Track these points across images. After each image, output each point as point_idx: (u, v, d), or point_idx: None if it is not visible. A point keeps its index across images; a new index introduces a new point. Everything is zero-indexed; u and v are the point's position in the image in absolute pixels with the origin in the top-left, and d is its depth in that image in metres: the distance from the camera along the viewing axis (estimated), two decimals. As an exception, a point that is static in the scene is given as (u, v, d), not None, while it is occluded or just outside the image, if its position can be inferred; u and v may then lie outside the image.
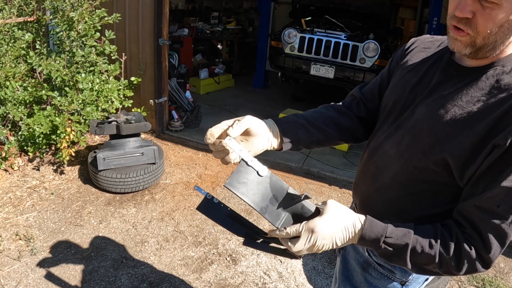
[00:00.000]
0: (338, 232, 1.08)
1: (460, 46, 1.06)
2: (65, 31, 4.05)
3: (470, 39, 1.02)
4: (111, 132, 3.95)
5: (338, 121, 1.45)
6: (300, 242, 1.07)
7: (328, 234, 1.06)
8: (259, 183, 1.06)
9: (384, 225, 1.10)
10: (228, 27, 9.17)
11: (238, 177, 1.04)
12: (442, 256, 1.06)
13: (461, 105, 1.09)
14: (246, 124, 1.18)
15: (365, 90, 1.52)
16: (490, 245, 1.02)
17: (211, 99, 7.33)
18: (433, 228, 1.10)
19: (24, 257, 3.10)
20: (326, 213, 1.08)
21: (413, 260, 1.10)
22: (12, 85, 3.92)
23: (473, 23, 1.00)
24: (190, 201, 3.98)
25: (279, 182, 1.08)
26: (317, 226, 1.05)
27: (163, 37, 4.92)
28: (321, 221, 1.06)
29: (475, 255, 1.04)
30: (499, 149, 0.99)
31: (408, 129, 1.21)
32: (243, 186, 1.05)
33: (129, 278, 3.00)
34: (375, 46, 6.11)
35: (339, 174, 4.83)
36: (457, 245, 1.05)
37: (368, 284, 1.46)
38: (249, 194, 1.06)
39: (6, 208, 3.64)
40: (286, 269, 3.22)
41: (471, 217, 1.05)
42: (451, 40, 1.08)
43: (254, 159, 1.03)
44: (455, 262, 1.05)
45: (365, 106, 1.49)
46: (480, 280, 3.27)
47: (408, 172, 1.20)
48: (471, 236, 1.04)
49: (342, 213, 1.09)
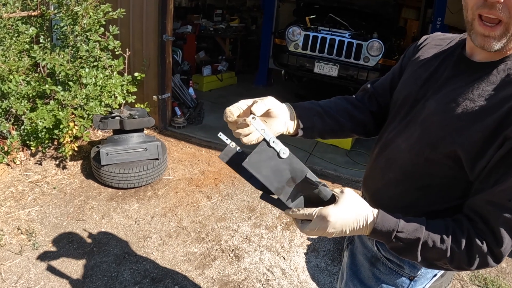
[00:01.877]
0: (349, 223, 1.07)
1: (491, 42, 1.03)
2: (69, 25, 4.04)
3: (504, 28, 0.99)
4: (114, 127, 3.94)
5: (352, 113, 1.44)
6: (310, 226, 1.07)
7: (339, 224, 1.05)
8: (279, 164, 1.03)
9: (396, 219, 1.09)
10: (231, 24, 9.13)
11: (257, 157, 1.02)
12: (453, 251, 1.05)
13: (473, 98, 1.08)
14: (269, 104, 1.18)
15: (376, 85, 1.52)
16: (501, 239, 1.01)
17: (214, 96, 7.32)
18: (444, 223, 1.09)
19: (25, 251, 3.09)
20: (341, 202, 1.06)
21: (423, 254, 1.09)
22: (15, 79, 3.91)
23: (506, 7, 0.97)
24: (193, 197, 3.97)
25: (299, 165, 1.05)
26: (330, 215, 1.04)
27: (167, 33, 4.91)
28: (335, 210, 1.05)
29: (486, 249, 1.03)
30: (510, 142, 0.98)
31: (419, 123, 1.21)
32: (261, 166, 1.03)
33: (132, 274, 2.98)
34: (379, 45, 6.09)
35: (342, 173, 4.81)
36: (469, 240, 1.04)
37: (376, 279, 1.45)
38: (267, 175, 1.04)
39: (8, 202, 3.62)
40: (289, 266, 3.20)
41: (482, 212, 1.04)
42: (480, 37, 1.05)
43: (276, 139, 1.01)
44: (467, 257, 1.04)
45: (377, 101, 1.49)
46: (482, 280, 3.26)
47: (418, 165, 1.19)
48: (482, 230, 1.03)
49: (356, 205, 1.08)
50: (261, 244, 3.42)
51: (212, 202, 3.93)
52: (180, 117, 5.65)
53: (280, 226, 3.64)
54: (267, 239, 3.47)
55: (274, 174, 1.04)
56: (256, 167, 1.03)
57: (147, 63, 5.04)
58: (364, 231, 1.10)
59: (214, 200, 3.96)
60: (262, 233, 3.55)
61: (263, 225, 3.64)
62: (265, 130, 0.98)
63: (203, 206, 3.86)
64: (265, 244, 3.42)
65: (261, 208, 3.86)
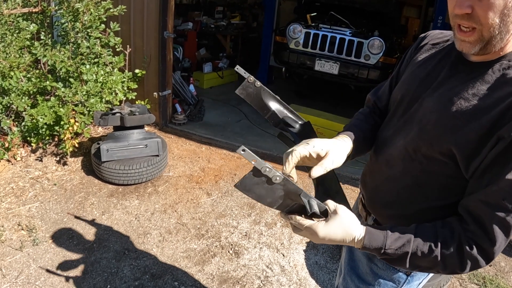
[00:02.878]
0: (336, 240, 1.13)
1: (468, 47, 1.07)
2: (70, 22, 4.04)
3: (478, 34, 1.03)
4: (115, 123, 3.95)
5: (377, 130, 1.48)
6: (300, 233, 1.15)
7: (327, 239, 1.12)
8: (271, 188, 1.05)
9: (384, 237, 1.13)
10: (232, 21, 9.12)
11: (249, 182, 1.04)
12: (444, 259, 1.09)
13: (467, 97, 1.10)
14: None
15: (380, 93, 1.56)
16: (495, 238, 1.03)
17: (214, 93, 7.32)
18: (434, 230, 1.12)
19: (26, 247, 3.10)
20: (331, 222, 1.11)
21: (414, 264, 1.13)
22: (16, 76, 3.92)
23: (475, 17, 1.01)
24: (193, 194, 3.98)
25: (293, 187, 1.06)
26: (318, 231, 1.10)
27: (168, 30, 4.91)
28: (324, 228, 1.11)
29: (477, 253, 1.05)
30: (503, 141, 1.00)
31: (416, 121, 1.23)
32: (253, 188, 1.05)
33: (132, 270, 2.99)
34: (380, 43, 6.09)
35: (342, 170, 4.81)
36: (459, 246, 1.07)
37: (373, 275, 1.47)
38: (260, 194, 1.06)
39: (8, 198, 3.63)
40: (289, 263, 3.21)
41: (476, 212, 1.06)
42: (458, 41, 1.10)
43: (270, 167, 1.01)
44: (459, 263, 1.08)
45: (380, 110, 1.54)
46: (481, 279, 3.27)
47: (415, 163, 1.22)
48: (473, 233, 1.05)
49: (346, 225, 1.12)
50: (261, 241, 3.43)
51: (212, 199, 3.94)
52: (181, 114, 5.66)
53: (280, 223, 3.65)
54: (266, 236, 3.48)
55: (267, 193, 1.06)
56: (248, 189, 1.05)
57: (148, 60, 5.04)
58: (353, 245, 1.15)
59: (214, 197, 3.97)
60: (262, 230, 3.56)
61: (262, 222, 3.65)
62: (256, 160, 0.99)
63: (203, 202, 3.87)
64: (265, 241, 3.43)
65: (260, 205, 3.86)
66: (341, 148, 1.24)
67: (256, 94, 1.31)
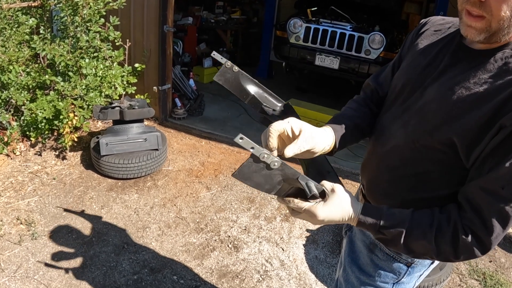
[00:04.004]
0: (334, 220, 1.13)
1: (474, 33, 1.05)
2: (69, 16, 4.03)
3: (485, 23, 1.02)
4: (114, 117, 3.94)
5: (371, 119, 1.46)
6: (299, 216, 1.14)
7: (327, 220, 1.12)
8: (269, 174, 1.05)
9: (380, 213, 1.13)
10: (232, 16, 9.08)
11: (247, 170, 1.04)
12: (438, 244, 1.08)
13: (468, 86, 1.09)
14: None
15: (380, 79, 1.53)
16: (492, 227, 1.02)
17: (214, 88, 7.29)
18: (431, 215, 1.11)
19: (25, 241, 3.10)
20: (329, 202, 1.11)
21: (408, 247, 1.13)
22: (15, 70, 3.91)
23: (487, 6, 0.99)
24: (193, 188, 3.97)
25: (291, 171, 1.06)
26: (317, 213, 1.10)
27: (168, 24, 4.89)
28: (323, 209, 1.10)
29: (473, 242, 1.05)
30: (505, 130, 0.99)
31: (416, 110, 1.22)
32: (251, 176, 1.05)
33: (131, 264, 2.99)
34: (381, 38, 6.06)
35: (342, 165, 4.81)
36: (455, 233, 1.06)
37: (374, 265, 1.46)
38: (258, 181, 1.06)
39: (7, 192, 3.63)
40: (288, 257, 3.21)
41: (474, 199, 1.05)
42: (464, 26, 1.07)
43: (268, 153, 1.01)
44: (453, 250, 1.07)
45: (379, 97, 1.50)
46: (481, 274, 3.26)
47: (414, 152, 1.21)
48: (470, 220, 1.05)
49: (344, 203, 1.12)
50: (260, 235, 3.42)
51: (211, 193, 3.93)
52: (181, 108, 5.64)
53: (279, 217, 3.64)
54: (266, 230, 3.48)
55: (265, 180, 1.06)
56: (246, 178, 1.05)
57: (148, 54, 5.03)
58: (350, 223, 1.15)
59: (213, 191, 3.97)
60: (261, 224, 3.55)
61: (262, 216, 3.65)
62: (254, 147, 0.98)
63: (202, 197, 3.86)
64: (264, 235, 3.42)
65: (260, 199, 3.86)
66: (317, 132, 1.21)
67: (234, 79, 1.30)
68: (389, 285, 1.47)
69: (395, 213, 1.13)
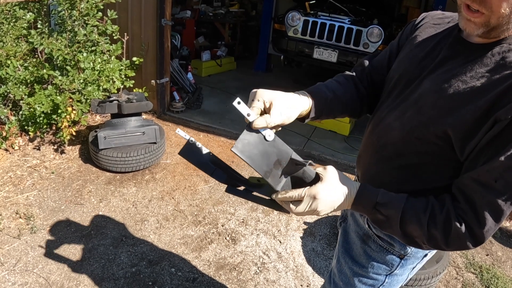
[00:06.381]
0: (338, 199, 1.12)
1: (472, 27, 1.06)
2: (67, 10, 4.03)
3: (485, 19, 1.02)
4: (112, 111, 3.95)
5: (355, 97, 1.45)
6: (301, 206, 1.11)
7: (329, 200, 1.10)
8: (265, 147, 1.07)
9: (377, 193, 1.14)
10: (231, 10, 9.07)
11: (244, 142, 1.05)
12: (430, 229, 1.08)
13: (465, 80, 1.09)
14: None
15: (374, 63, 1.52)
16: (484, 220, 1.02)
17: (212, 81, 7.30)
18: (425, 201, 1.12)
19: (24, 235, 3.12)
20: (326, 179, 1.11)
21: (403, 229, 1.13)
22: (13, 64, 3.91)
23: (487, 2, 0.98)
24: (191, 181, 3.99)
25: (284, 147, 1.09)
26: (319, 193, 1.09)
27: (166, 18, 4.89)
28: (323, 187, 1.10)
29: (465, 231, 1.05)
30: (500, 124, 0.99)
31: (412, 102, 1.22)
32: (249, 151, 1.06)
33: (129, 256, 3.01)
34: (379, 32, 6.06)
35: (339, 158, 4.83)
36: (447, 219, 1.06)
37: (367, 257, 1.47)
38: (254, 158, 1.07)
39: (6, 187, 3.64)
40: (285, 250, 3.23)
41: (467, 190, 1.05)
42: (463, 20, 1.07)
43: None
44: (444, 237, 1.07)
45: (372, 79, 1.50)
46: (478, 267, 3.28)
47: (409, 144, 1.21)
48: (464, 211, 1.05)
49: (341, 180, 1.13)
50: (258, 227, 3.44)
51: (209, 186, 3.95)
52: (179, 101, 5.66)
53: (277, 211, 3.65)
54: (263, 223, 3.50)
55: (262, 158, 1.07)
56: (244, 152, 1.06)
57: (146, 47, 5.03)
58: (348, 201, 1.14)
59: (211, 183, 3.98)
60: (259, 216, 3.57)
61: (259, 208, 3.66)
62: (250, 114, 1.00)
63: (200, 189, 3.88)
64: (262, 227, 3.44)
65: (258, 192, 3.87)
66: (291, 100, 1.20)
67: (198, 155, 1.28)
68: (382, 276, 1.48)
69: (392, 194, 1.14)
